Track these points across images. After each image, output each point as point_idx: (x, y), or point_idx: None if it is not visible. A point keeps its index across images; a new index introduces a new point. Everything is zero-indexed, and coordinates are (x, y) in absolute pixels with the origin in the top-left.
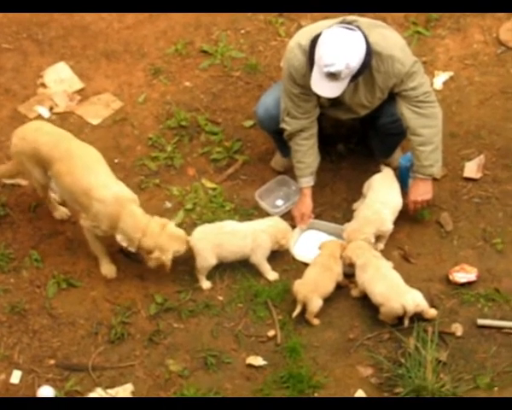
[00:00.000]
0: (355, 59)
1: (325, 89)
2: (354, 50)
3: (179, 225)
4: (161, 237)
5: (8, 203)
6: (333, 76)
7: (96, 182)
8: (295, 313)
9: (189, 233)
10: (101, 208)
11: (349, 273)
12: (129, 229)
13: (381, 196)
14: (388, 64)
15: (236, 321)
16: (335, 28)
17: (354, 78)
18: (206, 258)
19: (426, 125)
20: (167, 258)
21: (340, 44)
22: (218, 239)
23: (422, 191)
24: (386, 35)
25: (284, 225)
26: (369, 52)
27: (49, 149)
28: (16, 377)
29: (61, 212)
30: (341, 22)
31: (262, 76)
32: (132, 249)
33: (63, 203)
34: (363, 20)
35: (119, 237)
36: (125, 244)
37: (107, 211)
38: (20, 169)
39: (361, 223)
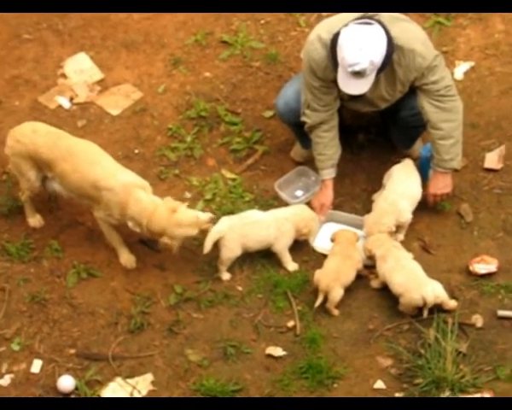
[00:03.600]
0: (378, 54)
1: (353, 87)
2: (376, 46)
3: None
4: (169, 223)
5: None
6: (358, 74)
7: (104, 173)
8: (317, 303)
9: None
10: (111, 197)
11: (369, 265)
12: (136, 215)
13: (400, 187)
14: (409, 58)
15: (256, 312)
16: (353, 26)
17: (379, 72)
18: (233, 249)
19: (446, 120)
20: (175, 245)
21: (360, 42)
22: (244, 230)
23: (442, 185)
24: (408, 29)
25: (308, 212)
26: (391, 45)
27: (49, 150)
28: (37, 366)
29: (36, 220)
30: (362, 16)
31: (282, 66)
32: (146, 234)
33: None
34: (385, 14)
35: (130, 224)
36: (137, 230)
37: (117, 199)
38: (14, 171)
39: (379, 215)
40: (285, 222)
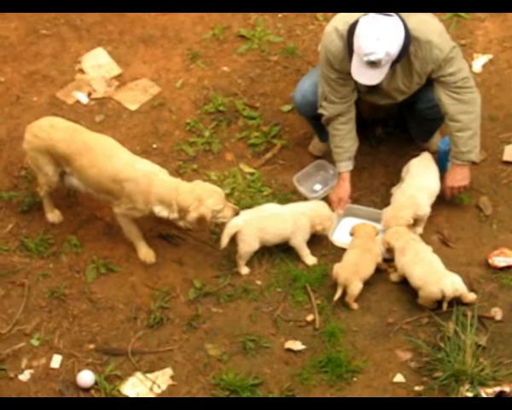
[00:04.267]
0: (394, 46)
1: (366, 77)
2: (393, 37)
3: None
4: (196, 189)
5: None
6: (373, 64)
7: (121, 164)
8: (336, 297)
9: None
10: (132, 187)
11: (388, 258)
12: (162, 195)
13: (418, 181)
14: (426, 50)
15: (275, 306)
16: (372, 15)
17: (394, 63)
18: (250, 243)
19: (464, 111)
20: (207, 209)
21: (378, 32)
22: (261, 223)
23: (460, 177)
24: (425, 20)
25: (326, 210)
26: (408, 37)
27: (67, 145)
28: (56, 361)
29: (55, 215)
30: None
31: (300, 60)
32: (175, 215)
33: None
34: None
35: (157, 209)
36: (165, 214)
37: (139, 188)
38: (32, 166)
39: (397, 209)
40: (301, 216)
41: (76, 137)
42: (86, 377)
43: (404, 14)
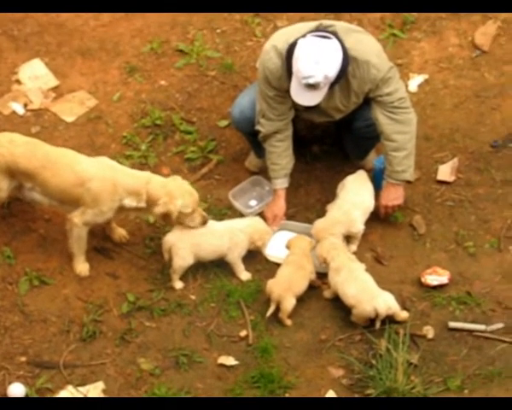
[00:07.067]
0: (333, 68)
1: (305, 98)
2: (331, 60)
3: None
4: (170, 184)
5: None
6: (312, 87)
7: (84, 167)
8: (269, 313)
9: (163, 232)
10: (98, 185)
11: (322, 272)
12: (129, 186)
13: (353, 197)
14: (364, 69)
15: (208, 321)
16: (310, 38)
17: (333, 85)
18: (185, 258)
19: (400, 132)
20: (175, 207)
21: (317, 55)
22: (196, 239)
23: (394, 196)
24: (363, 40)
25: (263, 226)
26: (346, 58)
27: (28, 160)
28: None
29: None
30: (318, 27)
31: (237, 76)
32: (143, 205)
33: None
34: (340, 25)
35: (126, 201)
36: (134, 204)
37: (106, 185)
38: None
39: (330, 222)
40: (239, 233)
41: (37, 152)
42: (17, 390)
43: (342, 34)
